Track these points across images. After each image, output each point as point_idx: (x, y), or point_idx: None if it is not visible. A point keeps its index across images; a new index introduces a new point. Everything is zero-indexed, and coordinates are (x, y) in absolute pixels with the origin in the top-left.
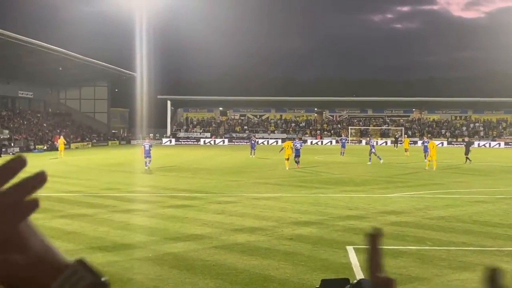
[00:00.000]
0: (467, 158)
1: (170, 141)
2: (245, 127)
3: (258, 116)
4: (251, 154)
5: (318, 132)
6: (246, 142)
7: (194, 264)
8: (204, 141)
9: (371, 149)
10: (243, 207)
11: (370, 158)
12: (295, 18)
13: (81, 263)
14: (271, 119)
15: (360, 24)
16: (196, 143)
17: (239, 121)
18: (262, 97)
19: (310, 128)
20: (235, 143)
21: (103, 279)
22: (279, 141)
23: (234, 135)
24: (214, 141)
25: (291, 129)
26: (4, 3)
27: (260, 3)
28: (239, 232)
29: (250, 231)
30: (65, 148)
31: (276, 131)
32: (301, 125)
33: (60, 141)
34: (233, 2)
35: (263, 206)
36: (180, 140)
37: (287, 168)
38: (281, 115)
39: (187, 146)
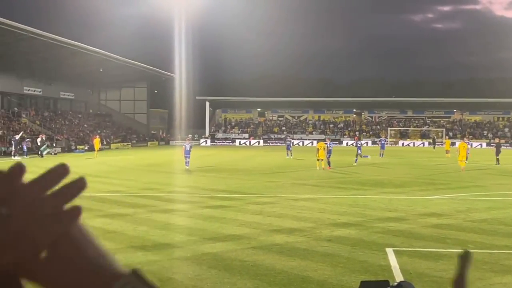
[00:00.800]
0: (497, 159)
1: (206, 141)
2: (283, 128)
3: (296, 117)
4: (287, 155)
5: (357, 133)
6: (282, 143)
7: (232, 264)
8: (240, 142)
9: (357, 150)
10: (281, 208)
11: (356, 160)
12: (334, 19)
13: (136, 274)
14: (309, 120)
15: (400, 24)
16: (231, 143)
17: (277, 122)
18: (301, 98)
19: (349, 129)
20: (271, 144)
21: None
22: (314, 142)
23: (272, 136)
24: (250, 142)
25: (329, 130)
26: (47, 6)
27: (299, 3)
28: (277, 233)
29: (288, 232)
30: (105, 149)
31: (314, 132)
32: (339, 126)
33: (96, 142)
34: (272, 3)
35: (302, 207)
36: (216, 141)
37: (317, 168)
38: (319, 116)
39: (222, 146)
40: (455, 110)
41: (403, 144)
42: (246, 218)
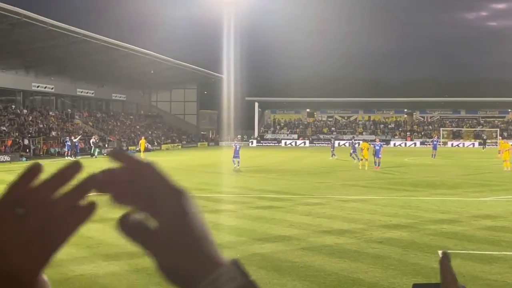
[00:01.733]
0: None
1: (252, 142)
2: (333, 128)
3: (345, 118)
4: (331, 156)
5: (408, 133)
6: (327, 144)
7: (282, 265)
8: (285, 142)
9: (352, 150)
10: (331, 209)
11: (354, 158)
12: (384, 18)
13: (236, 264)
14: (359, 121)
15: (453, 23)
16: (277, 144)
17: (327, 122)
18: (350, 98)
19: (400, 129)
20: (317, 144)
21: (252, 281)
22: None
23: (321, 136)
24: (295, 142)
25: (379, 130)
26: (99, 10)
27: (349, 2)
28: (327, 234)
29: (338, 233)
30: (155, 150)
31: (364, 133)
32: (390, 126)
33: (142, 143)
34: (321, 2)
35: (352, 208)
36: (262, 141)
37: (360, 168)
38: (369, 116)
39: (269, 147)
40: (509, 110)
41: (452, 144)
42: (295, 219)
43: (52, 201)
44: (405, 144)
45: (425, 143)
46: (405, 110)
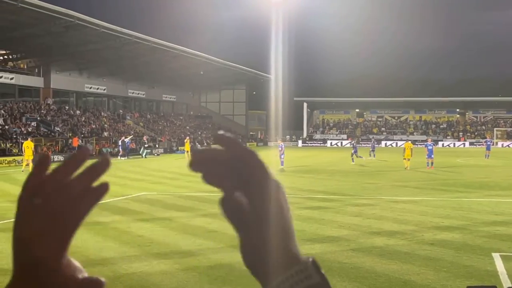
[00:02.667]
0: None
1: (298, 143)
2: (383, 128)
3: (396, 118)
4: (370, 156)
5: (461, 134)
6: (369, 144)
7: (331, 266)
8: (331, 142)
9: (354, 151)
10: (381, 210)
11: (357, 157)
12: (433, 17)
13: (314, 263)
14: (410, 121)
15: (506, 21)
16: (323, 144)
17: (377, 122)
18: (401, 98)
19: (452, 129)
20: (363, 145)
21: (327, 281)
22: (400, 142)
23: (371, 136)
24: (341, 142)
25: (431, 130)
26: (150, 12)
27: (399, 1)
28: (377, 235)
29: (388, 234)
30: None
31: (415, 133)
32: (441, 126)
33: (187, 143)
34: (369, 2)
35: (402, 209)
36: (307, 142)
37: (405, 168)
38: (420, 116)
39: (315, 147)
40: None
41: (502, 145)
42: (345, 220)
43: (65, 185)
44: (454, 144)
45: (476, 143)
46: (457, 110)
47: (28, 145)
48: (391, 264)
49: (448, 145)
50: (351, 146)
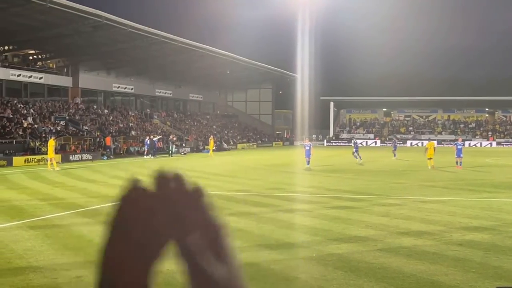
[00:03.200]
0: None
1: (323, 142)
2: (410, 128)
3: (424, 117)
4: (394, 156)
5: (490, 133)
6: (400, 144)
7: (358, 266)
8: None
9: (355, 149)
10: (408, 210)
11: (357, 157)
12: (463, 14)
13: None
14: (438, 120)
15: None
16: (347, 144)
17: (404, 122)
18: (429, 97)
19: (481, 129)
20: (388, 144)
21: None
22: (425, 142)
23: (398, 136)
24: (366, 142)
25: (459, 130)
26: (176, 11)
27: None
28: (405, 235)
29: (416, 234)
30: (231, 149)
31: (443, 132)
32: (470, 126)
33: (211, 141)
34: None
35: (430, 209)
36: (331, 141)
37: (429, 167)
38: (448, 116)
39: (339, 147)
40: None
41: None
42: (372, 220)
43: (156, 212)
44: (481, 144)
45: (504, 143)
46: (487, 109)
47: (51, 144)
48: (419, 264)
49: (474, 145)
50: (352, 145)
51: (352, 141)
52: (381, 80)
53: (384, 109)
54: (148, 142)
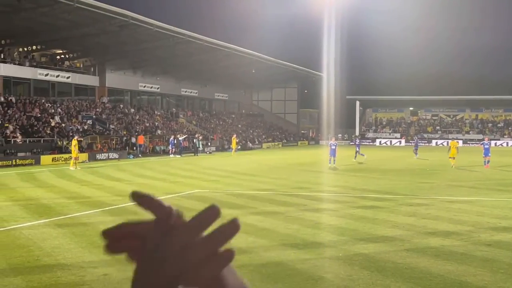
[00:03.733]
0: None
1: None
2: (437, 127)
3: (451, 116)
4: (415, 155)
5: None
6: (425, 143)
7: (385, 266)
8: (380, 141)
9: (356, 148)
10: (436, 210)
11: (362, 154)
12: (492, 13)
13: None
14: (465, 119)
15: None
16: (371, 143)
17: (431, 121)
18: (456, 96)
19: (510, 128)
20: (412, 143)
21: None
22: (447, 141)
23: (425, 135)
24: (391, 141)
25: (487, 129)
26: (201, 10)
27: None
28: (432, 235)
29: (444, 235)
30: (256, 148)
31: (471, 132)
32: (499, 125)
33: (233, 140)
34: None
35: (458, 209)
36: (355, 140)
37: (452, 166)
38: (476, 115)
39: (363, 146)
40: None
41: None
42: (399, 220)
43: (191, 245)
44: (507, 144)
45: None
46: None
47: (74, 144)
48: (446, 265)
49: (501, 145)
50: (354, 143)
51: (354, 141)
52: (409, 79)
53: (411, 108)
54: (174, 141)
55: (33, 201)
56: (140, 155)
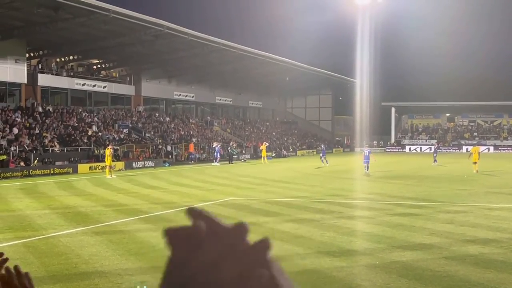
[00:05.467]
0: None
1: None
2: (475, 133)
3: (489, 122)
4: (434, 161)
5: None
6: (456, 150)
7: (423, 274)
8: (410, 148)
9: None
10: (474, 217)
11: (323, 161)
12: None
13: None
14: (503, 125)
15: None
16: (401, 150)
17: (468, 127)
18: (494, 101)
19: None
20: (443, 150)
21: None
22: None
23: (462, 142)
24: (420, 148)
25: None
26: (235, 19)
27: (491, 1)
28: (471, 243)
29: (483, 242)
30: (291, 155)
31: (509, 138)
32: None
33: (263, 148)
34: (460, 2)
35: (497, 217)
36: (386, 148)
37: (474, 172)
38: None
39: (394, 153)
40: None
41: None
42: (436, 227)
43: (216, 265)
44: None
45: None
46: None
47: (107, 153)
48: (486, 273)
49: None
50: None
51: (322, 147)
52: (445, 84)
53: (448, 114)
54: (220, 150)
55: (71, 209)
56: (191, 162)
